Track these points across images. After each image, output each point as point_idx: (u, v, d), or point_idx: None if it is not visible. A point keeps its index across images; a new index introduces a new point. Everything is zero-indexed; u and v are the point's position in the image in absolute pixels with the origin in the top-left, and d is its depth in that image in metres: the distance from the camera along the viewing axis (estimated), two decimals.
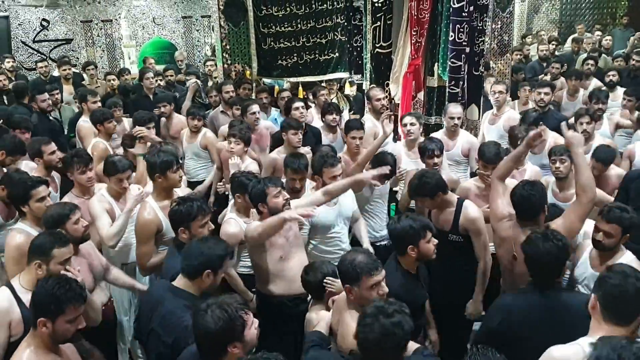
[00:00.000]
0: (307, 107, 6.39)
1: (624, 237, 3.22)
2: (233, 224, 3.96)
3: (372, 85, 6.31)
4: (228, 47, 7.56)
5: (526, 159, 4.79)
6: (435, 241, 3.20)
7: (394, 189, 5.48)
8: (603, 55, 10.13)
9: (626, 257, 3.22)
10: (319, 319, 3.10)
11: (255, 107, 5.98)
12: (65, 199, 4.35)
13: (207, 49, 13.10)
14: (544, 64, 9.38)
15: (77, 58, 12.40)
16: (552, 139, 5.29)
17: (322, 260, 3.67)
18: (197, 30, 13.58)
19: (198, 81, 7.69)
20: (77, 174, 4.34)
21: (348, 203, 4.39)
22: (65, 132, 6.94)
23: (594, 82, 8.09)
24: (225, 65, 7.69)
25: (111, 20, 12.88)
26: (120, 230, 3.99)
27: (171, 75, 8.67)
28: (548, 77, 8.39)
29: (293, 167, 4.27)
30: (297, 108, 5.77)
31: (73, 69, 9.17)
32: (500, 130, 6.03)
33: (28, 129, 5.53)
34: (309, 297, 3.53)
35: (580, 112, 5.76)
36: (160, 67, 9.77)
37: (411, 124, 5.28)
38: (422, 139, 5.28)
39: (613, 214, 3.20)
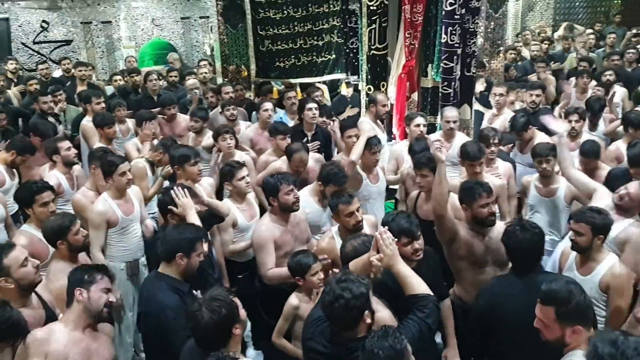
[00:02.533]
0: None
1: (598, 238, 3.33)
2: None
3: (371, 88, 6.47)
4: (227, 48, 7.71)
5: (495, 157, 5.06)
6: (417, 245, 3.22)
7: (391, 187, 5.67)
8: (596, 52, 10.31)
9: (609, 260, 3.39)
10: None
11: (268, 104, 6.21)
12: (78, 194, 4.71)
13: (207, 49, 13.22)
14: (534, 64, 9.51)
15: (77, 59, 12.52)
16: (541, 140, 5.43)
17: (305, 251, 3.79)
18: (196, 31, 13.69)
19: (197, 91, 7.84)
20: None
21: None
22: (69, 132, 7.08)
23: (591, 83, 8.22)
24: (224, 67, 7.84)
25: (110, 22, 12.99)
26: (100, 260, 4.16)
27: (175, 77, 8.80)
28: (536, 77, 8.52)
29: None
30: (310, 109, 5.92)
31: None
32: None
33: (43, 135, 5.82)
34: None
35: (569, 110, 5.93)
36: (159, 68, 9.94)
37: (424, 125, 5.51)
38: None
39: (582, 214, 3.38)
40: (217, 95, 7.39)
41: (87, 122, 6.38)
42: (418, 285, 2.75)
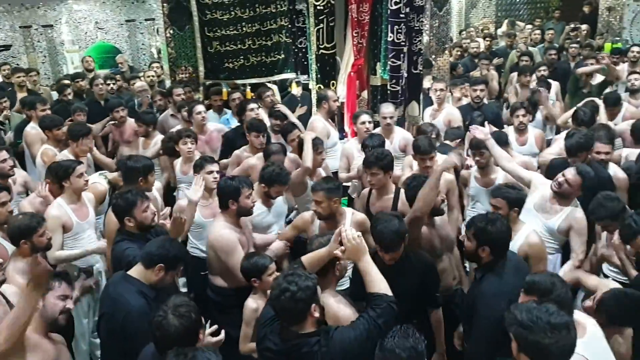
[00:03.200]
0: None
1: (514, 211, 3.74)
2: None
3: (321, 87, 6.51)
4: (174, 51, 7.63)
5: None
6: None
7: (345, 184, 5.74)
8: (536, 48, 10.65)
9: (525, 230, 3.75)
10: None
11: (200, 107, 6.14)
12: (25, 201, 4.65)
13: (153, 52, 13.04)
14: (475, 60, 9.78)
15: (17, 64, 12.15)
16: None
17: (258, 253, 3.82)
18: (142, 34, 13.49)
19: (148, 95, 7.74)
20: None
21: (281, 205, 4.63)
22: (12, 140, 6.87)
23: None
24: (172, 69, 7.76)
25: (52, 25, 12.67)
26: (67, 260, 4.23)
27: (118, 80, 8.63)
28: (479, 73, 8.75)
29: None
30: (252, 109, 5.96)
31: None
32: (441, 125, 6.35)
33: None
34: None
35: (516, 105, 6.15)
36: (103, 72, 9.73)
37: (369, 122, 5.60)
38: None
39: (498, 190, 3.85)
40: (166, 98, 7.32)
41: (30, 128, 6.21)
42: (377, 283, 2.78)
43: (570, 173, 4.05)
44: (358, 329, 2.62)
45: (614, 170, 4.75)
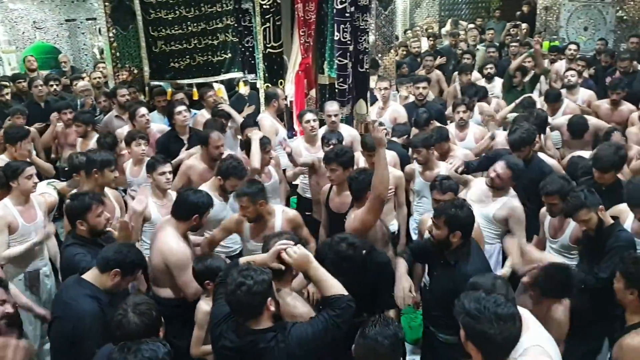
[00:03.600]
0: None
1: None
2: None
3: (269, 85, 6.52)
4: (117, 51, 7.48)
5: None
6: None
7: (294, 182, 5.75)
8: (479, 46, 10.94)
9: None
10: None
11: (143, 110, 6.05)
12: None
13: (96, 52, 12.73)
14: (418, 59, 9.97)
15: None
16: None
17: (214, 255, 3.81)
18: (83, 34, 13.12)
19: (92, 96, 7.54)
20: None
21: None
22: None
23: (475, 75, 8.75)
24: (116, 70, 7.60)
25: None
26: (13, 256, 4.13)
27: (57, 85, 8.30)
28: (424, 72, 8.92)
29: None
30: (179, 112, 5.86)
31: None
32: (387, 122, 6.45)
33: None
34: None
35: (457, 102, 6.31)
36: (44, 73, 9.44)
37: (313, 120, 5.60)
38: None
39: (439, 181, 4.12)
40: (110, 99, 7.16)
41: None
42: (332, 286, 2.78)
43: (500, 167, 4.24)
44: (317, 326, 2.64)
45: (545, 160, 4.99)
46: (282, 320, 2.75)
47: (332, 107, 5.80)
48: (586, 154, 5.11)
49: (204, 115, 6.50)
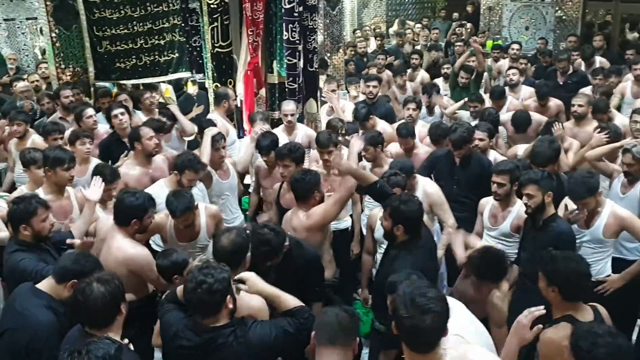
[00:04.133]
0: None
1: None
2: None
3: (218, 85, 6.47)
4: (61, 51, 7.29)
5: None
6: None
7: (247, 182, 5.74)
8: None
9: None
10: None
11: (90, 111, 5.91)
12: None
13: (37, 52, 12.34)
14: (364, 59, 10.09)
15: None
16: (381, 127, 5.89)
17: (176, 249, 3.75)
18: (23, 34, 12.69)
19: (32, 102, 7.30)
20: None
21: (197, 198, 4.55)
22: None
23: (422, 74, 8.92)
24: (59, 70, 7.41)
25: None
26: None
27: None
28: (374, 71, 9.02)
29: None
30: (116, 115, 5.66)
31: None
32: None
33: None
34: None
35: (408, 98, 6.44)
36: None
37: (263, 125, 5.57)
38: None
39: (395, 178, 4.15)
40: (54, 101, 6.97)
41: None
42: (288, 300, 2.86)
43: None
44: (280, 329, 2.71)
45: (494, 157, 5.20)
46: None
47: (287, 106, 5.83)
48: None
49: (141, 118, 6.33)
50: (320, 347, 2.41)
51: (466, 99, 6.62)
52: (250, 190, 5.72)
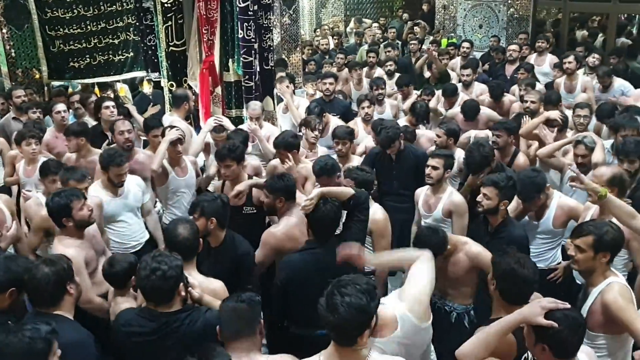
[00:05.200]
0: None
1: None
2: None
3: (173, 84, 6.48)
4: (13, 51, 7.19)
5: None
6: None
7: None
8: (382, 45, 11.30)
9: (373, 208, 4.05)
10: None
11: (60, 106, 5.89)
12: None
13: None
14: (326, 57, 10.20)
15: None
16: (335, 124, 6.02)
17: (123, 253, 3.81)
18: None
19: None
20: None
21: (136, 193, 4.57)
22: None
23: (379, 71, 9.05)
24: (12, 70, 7.30)
25: None
26: None
27: None
28: (334, 69, 9.13)
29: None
30: (107, 107, 5.83)
31: None
32: (293, 119, 6.60)
33: None
34: None
35: (360, 97, 6.56)
36: None
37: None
38: None
39: (348, 172, 4.21)
40: (7, 101, 6.88)
41: None
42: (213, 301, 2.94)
43: None
44: None
45: (459, 155, 5.20)
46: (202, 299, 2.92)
47: (255, 110, 5.90)
48: (481, 133, 5.53)
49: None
50: (227, 342, 2.51)
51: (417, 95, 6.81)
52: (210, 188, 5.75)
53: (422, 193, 4.60)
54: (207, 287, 3.05)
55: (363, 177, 4.12)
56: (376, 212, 4.06)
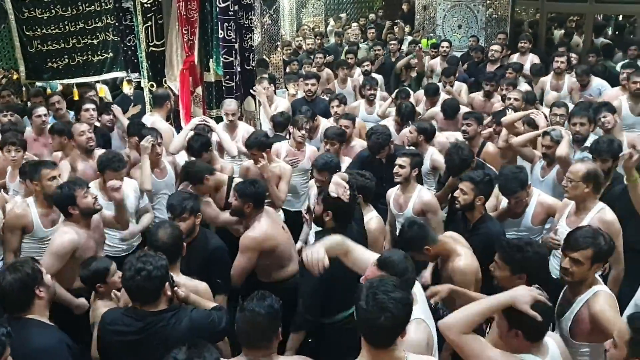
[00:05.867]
0: None
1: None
2: None
3: (153, 84, 6.44)
4: None
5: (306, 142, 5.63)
6: None
7: None
8: (361, 45, 11.37)
9: (369, 214, 4.17)
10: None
11: (41, 110, 5.83)
12: None
13: None
14: (312, 57, 10.21)
15: None
16: (324, 127, 6.06)
17: (103, 258, 3.78)
18: None
19: None
20: None
21: (132, 199, 4.58)
22: None
23: (358, 71, 9.10)
24: None
25: None
26: None
27: None
28: (315, 69, 9.15)
29: None
30: (87, 109, 5.79)
31: None
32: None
33: None
34: None
35: (331, 97, 6.67)
36: None
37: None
38: None
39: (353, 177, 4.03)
40: None
41: None
42: (204, 303, 3.00)
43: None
44: (214, 317, 2.83)
45: (431, 153, 5.35)
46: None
47: (230, 106, 5.90)
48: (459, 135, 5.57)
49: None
50: (244, 349, 2.55)
51: (393, 96, 6.87)
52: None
53: (392, 193, 4.66)
54: (192, 287, 3.08)
55: (363, 183, 4.06)
56: (371, 219, 4.07)
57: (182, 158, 5.28)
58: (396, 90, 7.21)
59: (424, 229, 3.54)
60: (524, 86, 7.38)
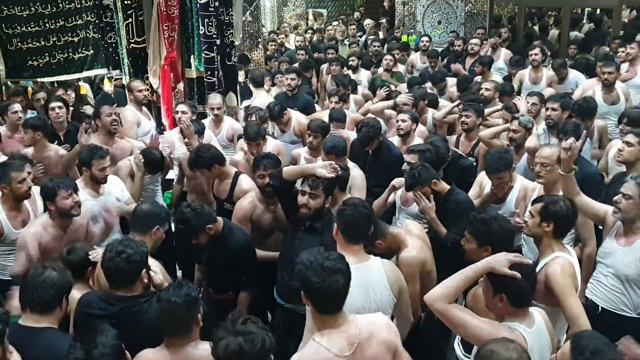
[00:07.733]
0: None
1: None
2: None
3: (133, 79, 6.46)
4: None
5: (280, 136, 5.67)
6: None
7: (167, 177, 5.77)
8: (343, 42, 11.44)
9: None
10: None
11: (17, 106, 5.80)
12: None
13: None
14: (301, 51, 10.24)
15: None
16: (296, 118, 6.11)
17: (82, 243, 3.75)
18: None
19: None
20: None
21: (116, 194, 4.51)
22: None
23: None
24: None
25: None
26: None
27: None
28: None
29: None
30: (53, 108, 5.72)
31: None
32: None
33: None
34: None
35: (331, 92, 6.66)
36: None
37: (183, 112, 5.54)
38: None
39: None
40: None
41: None
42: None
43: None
44: None
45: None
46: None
47: (214, 100, 5.93)
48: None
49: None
50: (165, 338, 2.55)
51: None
52: (174, 183, 5.76)
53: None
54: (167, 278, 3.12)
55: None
56: (353, 170, 4.35)
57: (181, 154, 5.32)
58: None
59: (374, 224, 3.42)
60: (497, 78, 7.51)
